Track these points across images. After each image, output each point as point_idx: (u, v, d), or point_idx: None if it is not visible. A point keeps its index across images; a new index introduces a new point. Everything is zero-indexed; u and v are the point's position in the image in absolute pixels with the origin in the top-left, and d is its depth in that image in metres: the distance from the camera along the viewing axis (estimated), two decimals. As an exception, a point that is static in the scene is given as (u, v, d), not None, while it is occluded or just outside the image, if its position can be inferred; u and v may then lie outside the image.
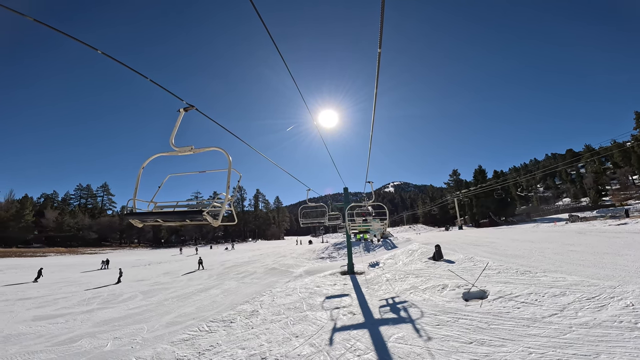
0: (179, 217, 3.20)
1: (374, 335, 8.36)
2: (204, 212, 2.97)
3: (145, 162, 3.38)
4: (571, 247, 16.10)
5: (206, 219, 3.06)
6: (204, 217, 3.01)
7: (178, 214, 3.20)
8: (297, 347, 8.06)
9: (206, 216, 3.00)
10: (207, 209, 3.03)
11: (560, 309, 7.96)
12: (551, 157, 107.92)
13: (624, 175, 64.49)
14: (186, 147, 3.24)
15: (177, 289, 18.25)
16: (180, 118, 3.34)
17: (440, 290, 11.59)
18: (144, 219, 3.19)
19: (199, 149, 3.29)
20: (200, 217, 3.03)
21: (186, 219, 3.18)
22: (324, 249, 34.69)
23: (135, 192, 3.36)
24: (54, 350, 9.17)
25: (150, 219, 3.19)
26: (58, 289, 18.83)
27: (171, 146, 3.26)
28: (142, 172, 3.37)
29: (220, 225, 3.28)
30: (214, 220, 3.13)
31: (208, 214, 3.04)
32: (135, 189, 3.37)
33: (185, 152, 3.24)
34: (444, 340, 7.42)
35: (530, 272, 11.28)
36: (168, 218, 3.19)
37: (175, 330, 10.58)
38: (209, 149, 3.29)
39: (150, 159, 3.39)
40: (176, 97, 3.25)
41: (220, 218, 3.17)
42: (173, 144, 3.27)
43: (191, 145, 3.23)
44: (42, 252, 51.17)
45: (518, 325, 7.52)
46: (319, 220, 16.42)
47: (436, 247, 17.91)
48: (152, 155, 3.37)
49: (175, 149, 3.24)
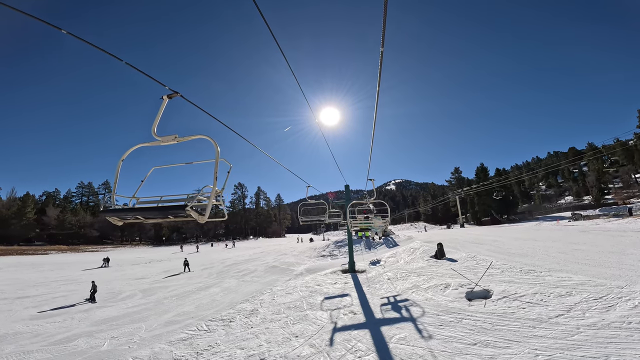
0: (161, 214, 2.97)
1: (375, 335, 8.19)
2: (188, 208, 2.74)
3: (125, 154, 3.16)
4: (575, 245, 15.86)
5: (190, 215, 2.83)
6: (187, 212, 2.79)
7: (159, 210, 2.96)
8: (296, 348, 7.89)
9: (190, 212, 2.78)
10: (191, 204, 2.81)
11: (567, 309, 7.75)
12: (553, 155, 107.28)
13: (627, 173, 63.95)
14: (169, 136, 3.01)
15: (177, 287, 18.13)
16: (163, 106, 3.10)
17: (442, 289, 11.40)
18: (122, 216, 2.96)
19: (183, 138, 3.05)
20: (183, 213, 2.80)
21: (169, 215, 2.95)
22: (325, 246, 34.53)
23: (114, 186, 3.15)
24: (50, 349, 9.04)
25: (130, 215, 2.95)
26: (57, 287, 18.75)
27: (153, 136, 3.03)
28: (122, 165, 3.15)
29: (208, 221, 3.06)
30: (199, 216, 2.91)
31: (192, 209, 2.81)
32: (114, 183, 3.15)
33: (169, 141, 3.02)
34: (447, 341, 7.23)
35: (535, 271, 11.06)
36: (149, 215, 2.96)
37: (174, 329, 10.44)
38: (195, 137, 3.04)
39: (131, 150, 3.17)
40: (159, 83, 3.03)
41: (207, 214, 2.94)
42: (155, 134, 3.04)
43: (175, 134, 3.00)
44: (43, 250, 51.24)
45: (523, 326, 7.32)
46: (319, 218, 16.21)
47: (438, 245, 17.70)
48: (133, 147, 3.16)
49: (158, 139, 3.02)
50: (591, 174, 68.51)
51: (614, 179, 68.31)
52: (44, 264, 30.69)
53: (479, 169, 76.50)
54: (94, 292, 14.97)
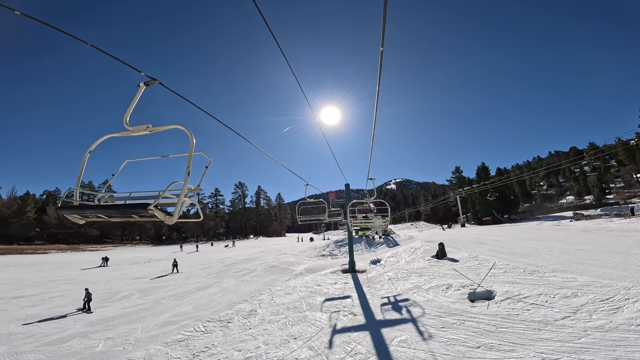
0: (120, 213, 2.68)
1: (375, 337, 7.98)
2: (150, 206, 2.43)
3: (93, 145, 2.90)
4: (579, 245, 15.64)
5: (154, 215, 2.51)
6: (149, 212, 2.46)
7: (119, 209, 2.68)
8: (295, 350, 7.70)
9: (154, 211, 2.47)
10: (155, 203, 2.50)
11: (573, 311, 7.54)
12: (554, 155, 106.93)
13: (629, 173, 63.57)
14: (141, 126, 2.76)
15: (175, 287, 17.95)
16: (139, 94, 2.85)
17: (444, 290, 11.19)
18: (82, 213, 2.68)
19: (156, 128, 2.80)
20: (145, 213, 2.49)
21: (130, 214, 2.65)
22: (325, 246, 34.33)
23: (78, 180, 2.84)
24: (43, 350, 8.87)
25: (89, 213, 2.67)
26: (55, 286, 18.58)
27: (124, 126, 2.78)
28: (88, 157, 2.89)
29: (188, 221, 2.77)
30: (166, 217, 2.59)
31: (158, 209, 2.51)
32: (79, 177, 2.84)
33: (140, 131, 2.77)
34: (449, 344, 7.02)
35: (539, 272, 10.85)
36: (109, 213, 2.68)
37: (170, 330, 10.26)
38: (169, 127, 2.79)
39: (100, 141, 2.92)
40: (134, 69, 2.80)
41: (176, 214, 2.62)
42: (127, 124, 2.79)
43: (147, 124, 2.75)
44: (43, 250, 51.11)
45: (529, 329, 7.11)
46: (318, 218, 15.96)
47: (439, 245, 17.50)
48: (102, 137, 2.90)
49: (129, 129, 2.78)
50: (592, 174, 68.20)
51: (616, 179, 67.95)
52: (42, 264, 30.53)
53: (480, 169, 76.22)
54: (89, 300, 12.97)
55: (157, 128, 2.81)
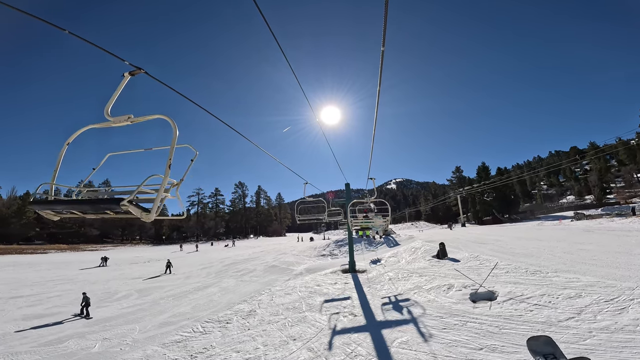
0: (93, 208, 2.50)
1: (375, 339, 7.86)
2: (124, 202, 2.24)
3: (72, 137, 2.76)
4: (581, 245, 15.51)
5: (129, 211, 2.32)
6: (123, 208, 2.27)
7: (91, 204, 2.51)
8: (294, 352, 7.57)
9: (128, 207, 2.28)
10: (130, 198, 2.30)
11: (577, 312, 7.41)
12: (555, 155, 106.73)
13: (629, 173, 63.40)
14: (122, 117, 2.63)
15: (174, 287, 17.83)
16: (123, 83, 2.70)
17: (445, 290, 11.06)
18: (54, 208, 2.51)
19: (138, 118, 2.66)
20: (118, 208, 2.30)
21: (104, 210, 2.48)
22: (325, 246, 34.20)
23: (54, 174, 2.70)
24: (39, 351, 8.75)
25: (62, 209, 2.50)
26: (53, 286, 18.46)
27: (105, 117, 2.64)
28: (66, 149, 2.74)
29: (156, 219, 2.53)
30: (143, 214, 2.40)
31: (133, 205, 2.32)
32: (55, 170, 2.71)
33: (121, 122, 2.63)
34: (451, 345, 6.90)
35: (541, 272, 10.72)
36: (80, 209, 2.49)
37: (168, 331, 10.14)
38: (151, 117, 2.65)
39: (79, 132, 2.78)
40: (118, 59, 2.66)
41: (154, 211, 2.41)
42: (109, 114, 2.64)
43: (129, 115, 2.62)
44: (42, 249, 51.02)
45: (532, 330, 6.97)
46: (317, 217, 15.82)
47: (440, 244, 17.37)
48: (81, 129, 2.76)
49: (110, 119, 2.64)
50: (593, 174, 68.06)
51: (616, 178, 67.78)
52: (41, 264, 30.43)
53: (481, 168, 76.10)
54: (87, 305, 12.07)
55: (139, 118, 2.67)
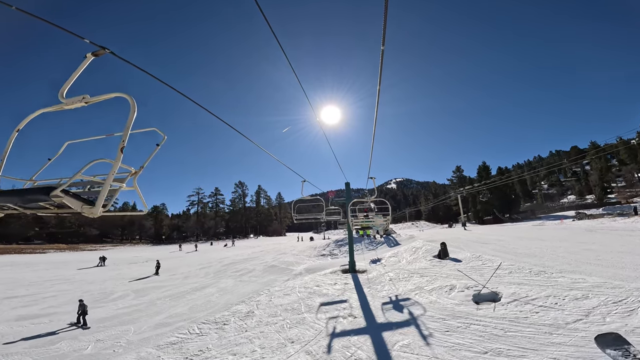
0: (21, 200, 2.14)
1: (376, 342, 7.61)
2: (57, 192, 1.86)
3: (23, 123, 2.49)
4: (584, 245, 15.28)
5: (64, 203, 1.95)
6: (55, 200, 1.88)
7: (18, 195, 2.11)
8: (292, 355, 7.33)
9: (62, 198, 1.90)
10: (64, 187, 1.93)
11: (585, 313, 7.17)
12: (555, 154, 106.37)
13: (630, 172, 63.12)
14: (76, 98, 2.33)
15: (172, 287, 17.59)
16: (84, 65, 2.41)
17: (447, 291, 10.81)
18: None
19: (94, 99, 2.37)
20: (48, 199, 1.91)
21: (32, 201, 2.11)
22: (325, 245, 33.95)
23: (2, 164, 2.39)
24: (31, 352, 8.53)
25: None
26: (50, 286, 18.23)
27: (59, 99, 2.34)
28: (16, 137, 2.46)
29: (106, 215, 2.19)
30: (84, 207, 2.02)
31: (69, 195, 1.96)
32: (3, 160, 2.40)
33: (75, 104, 2.34)
34: (454, 349, 6.66)
35: (546, 273, 10.47)
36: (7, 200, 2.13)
37: (164, 332, 9.90)
38: (108, 96, 2.34)
39: (30, 118, 2.51)
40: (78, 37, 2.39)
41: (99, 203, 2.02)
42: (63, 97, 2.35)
43: (84, 95, 2.32)
44: (41, 249, 50.80)
45: (539, 333, 6.74)
46: (315, 216, 15.57)
47: (442, 244, 17.12)
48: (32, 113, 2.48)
49: (62, 101, 2.35)
50: (594, 173, 67.76)
51: (617, 178, 67.48)
52: (39, 263, 30.22)
53: (481, 168, 75.79)
54: (83, 313, 10.97)
55: (94, 99, 2.38)
